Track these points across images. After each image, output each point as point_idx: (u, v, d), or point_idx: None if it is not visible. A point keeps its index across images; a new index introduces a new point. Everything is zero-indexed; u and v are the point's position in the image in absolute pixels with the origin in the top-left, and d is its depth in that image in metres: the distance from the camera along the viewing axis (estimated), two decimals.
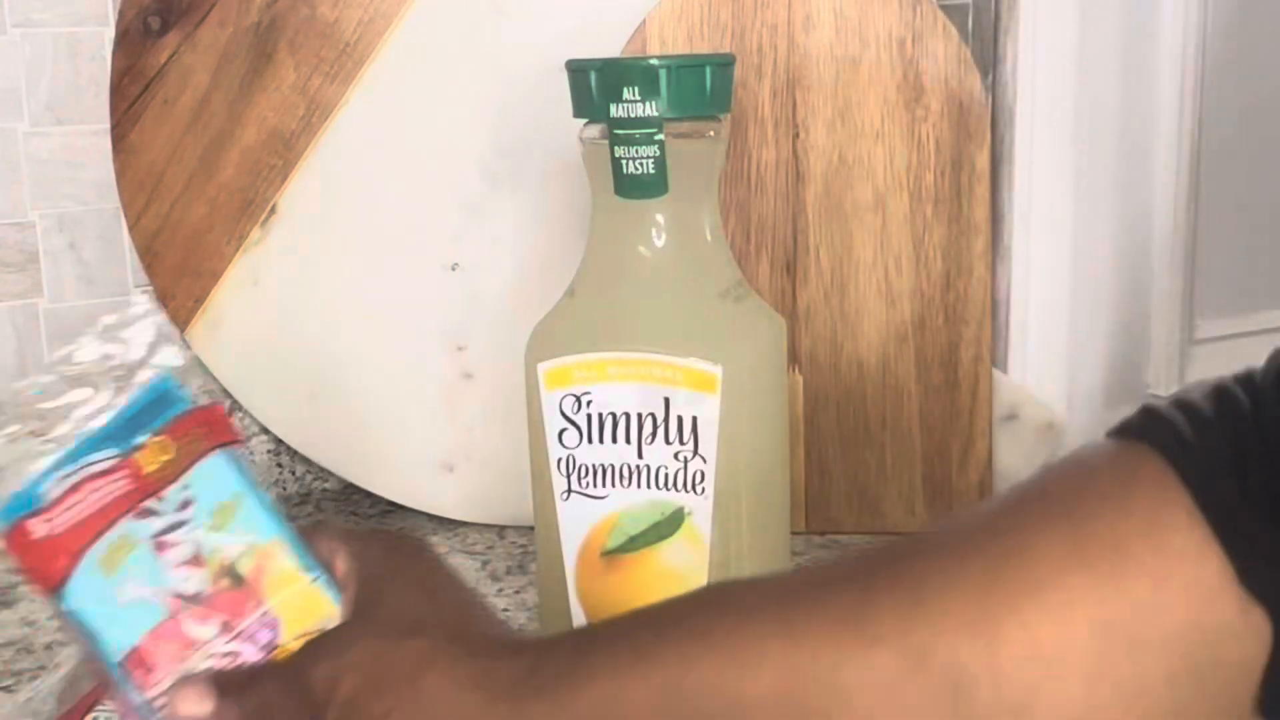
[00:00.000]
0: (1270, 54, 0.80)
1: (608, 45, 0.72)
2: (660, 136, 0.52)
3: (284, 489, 0.82)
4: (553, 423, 0.54)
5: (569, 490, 0.54)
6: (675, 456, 0.52)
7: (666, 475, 0.53)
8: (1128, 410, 0.91)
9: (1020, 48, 0.76)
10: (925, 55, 0.71)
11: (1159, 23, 0.76)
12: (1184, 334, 0.80)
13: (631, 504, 0.53)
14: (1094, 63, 0.74)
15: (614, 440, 0.53)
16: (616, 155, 0.52)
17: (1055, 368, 0.75)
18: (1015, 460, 0.74)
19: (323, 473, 0.83)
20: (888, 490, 0.74)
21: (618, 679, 0.37)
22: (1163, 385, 0.80)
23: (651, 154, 0.52)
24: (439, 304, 0.76)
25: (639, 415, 0.52)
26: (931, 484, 0.73)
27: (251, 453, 0.81)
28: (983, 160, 0.72)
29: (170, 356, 0.45)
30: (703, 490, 0.52)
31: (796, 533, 0.74)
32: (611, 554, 0.54)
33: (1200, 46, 0.77)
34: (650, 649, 0.37)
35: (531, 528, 0.76)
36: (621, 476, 0.53)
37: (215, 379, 0.78)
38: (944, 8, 0.73)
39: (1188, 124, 0.78)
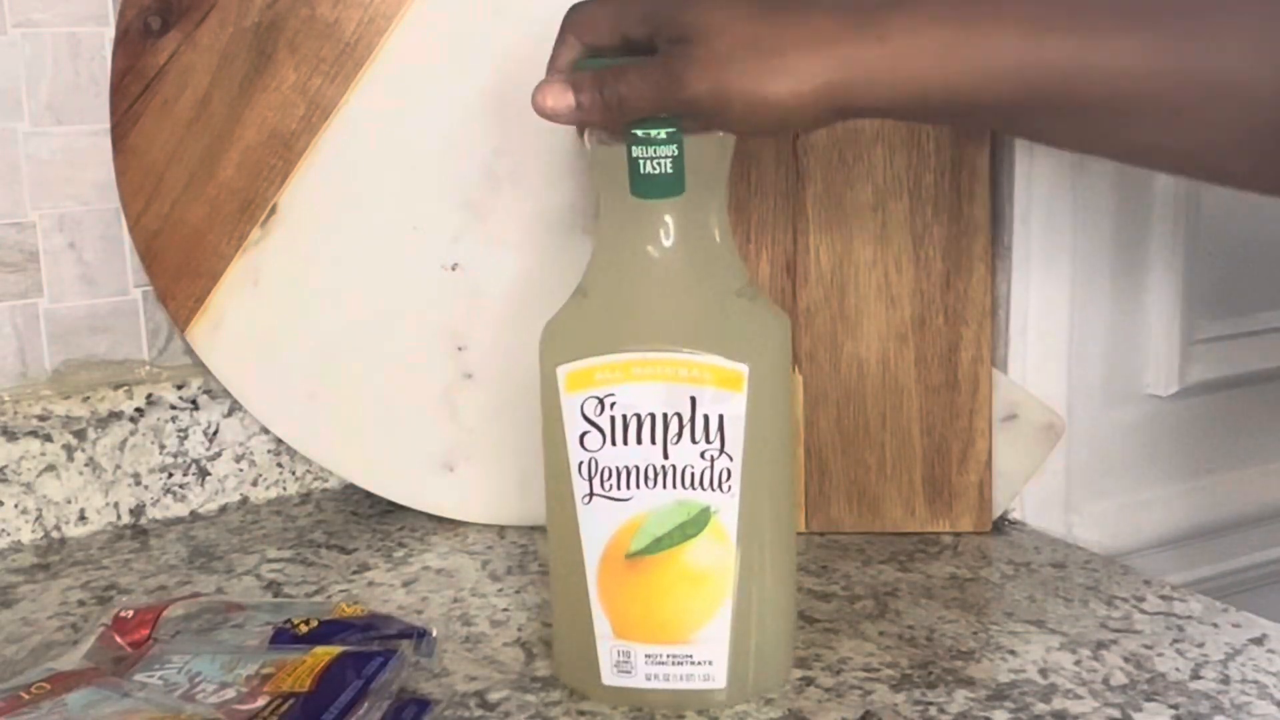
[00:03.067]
0: None
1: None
2: (680, 136, 0.52)
3: (284, 489, 0.82)
4: (573, 426, 0.53)
5: (590, 494, 0.54)
6: (702, 455, 0.52)
7: (693, 474, 0.53)
8: (1128, 410, 0.91)
9: None
10: None
11: None
12: (1184, 334, 0.80)
13: (657, 505, 0.53)
14: None
15: (639, 441, 0.53)
16: (634, 155, 0.53)
17: (1055, 368, 0.75)
18: (1015, 460, 0.75)
19: (323, 473, 0.83)
20: (888, 490, 0.74)
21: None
22: (1162, 385, 0.80)
23: (670, 153, 0.52)
24: (439, 304, 0.76)
25: (664, 415, 0.52)
26: (931, 484, 0.73)
27: (252, 453, 0.81)
28: (983, 160, 0.72)
29: None
30: (729, 488, 0.53)
31: (798, 533, 0.74)
32: (636, 555, 0.53)
33: None
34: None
35: (532, 528, 0.76)
36: (647, 478, 0.53)
37: (215, 379, 0.78)
38: None
39: None
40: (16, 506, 0.75)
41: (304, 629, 0.57)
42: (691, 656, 0.54)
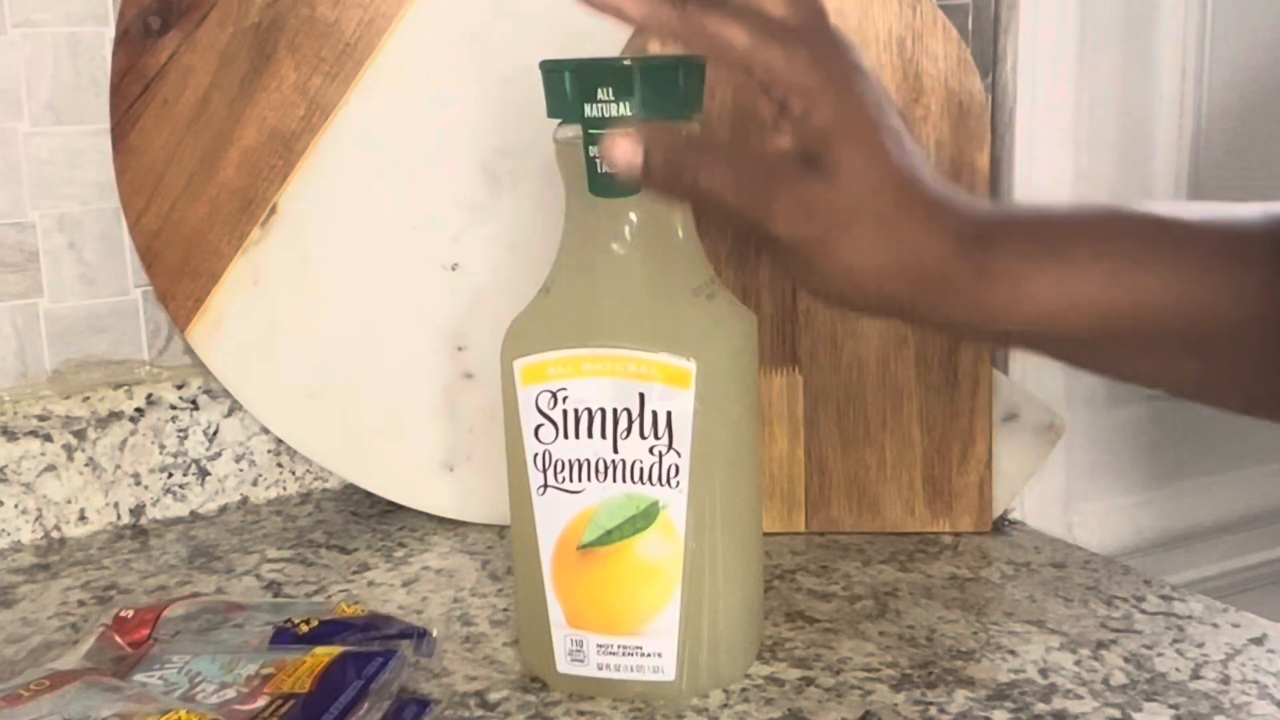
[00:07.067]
0: (1270, 53, 0.80)
1: (608, 45, 0.71)
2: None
3: (284, 489, 0.82)
4: (529, 418, 0.54)
5: (545, 485, 0.55)
6: (650, 451, 0.53)
7: (642, 469, 0.53)
8: (1128, 410, 0.91)
9: (1020, 48, 0.76)
10: (925, 55, 0.71)
11: (1159, 22, 0.76)
12: None
13: (607, 498, 0.54)
14: (1094, 62, 0.74)
15: (590, 435, 0.54)
16: (591, 155, 0.53)
17: (1055, 368, 0.76)
18: (1015, 460, 0.75)
19: (323, 473, 0.83)
20: (887, 490, 0.74)
21: (1073, 269, 0.46)
22: None
23: None
24: (439, 304, 0.76)
25: (614, 410, 0.53)
26: (931, 484, 0.73)
27: (251, 453, 0.81)
28: (983, 160, 0.72)
29: None
30: (677, 484, 0.53)
31: (796, 533, 0.74)
32: (588, 547, 0.54)
33: (1200, 46, 0.77)
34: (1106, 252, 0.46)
35: None
36: (597, 471, 0.54)
37: (215, 379, 0.78)
38: (944, 8, 0.73)
39: (1187, 123, 0.78)
40: (16, 506, 0.75)
41: (304, 629, 0.57)
42: (641, 648, 0.55)
